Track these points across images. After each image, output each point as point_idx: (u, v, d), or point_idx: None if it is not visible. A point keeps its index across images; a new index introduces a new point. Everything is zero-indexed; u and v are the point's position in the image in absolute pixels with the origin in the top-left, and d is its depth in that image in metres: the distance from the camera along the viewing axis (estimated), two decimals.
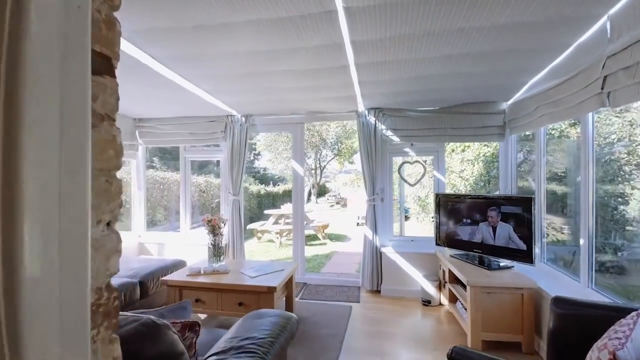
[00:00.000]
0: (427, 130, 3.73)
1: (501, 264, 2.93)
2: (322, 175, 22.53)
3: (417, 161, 3.96)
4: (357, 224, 11.06)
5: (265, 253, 6.71)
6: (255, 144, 20.17)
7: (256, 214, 11.87)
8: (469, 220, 3.21)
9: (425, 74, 2.67)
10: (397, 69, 2.57)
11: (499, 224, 2.92)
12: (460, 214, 3.30)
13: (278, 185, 17.33)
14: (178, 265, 3.42)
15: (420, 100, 3.47)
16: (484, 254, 3.03)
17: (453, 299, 3.18)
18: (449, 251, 3.42)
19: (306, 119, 4.21)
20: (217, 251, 3.13)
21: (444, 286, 3.42)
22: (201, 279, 2.75)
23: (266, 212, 8.31)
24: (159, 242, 4.45)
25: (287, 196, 17.21)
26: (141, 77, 2.82)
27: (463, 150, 7.06)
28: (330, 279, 4.25)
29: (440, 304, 3.49)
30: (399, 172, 3.95)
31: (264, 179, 18.05)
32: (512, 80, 2.89)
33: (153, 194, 7.12)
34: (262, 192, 13.74)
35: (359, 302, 3.57)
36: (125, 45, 2.28)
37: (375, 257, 3.85)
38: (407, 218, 9.15)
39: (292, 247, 4.30)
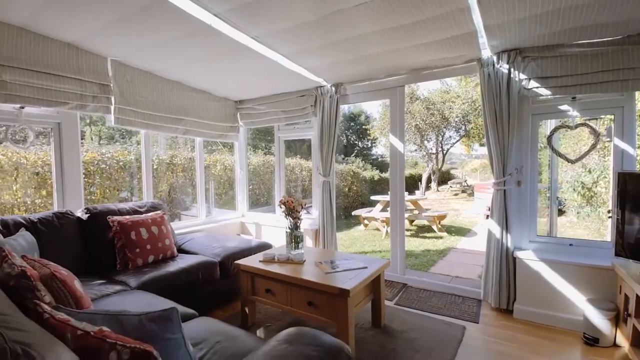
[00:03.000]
0: (603, 75, 2.35)
1: None
2: (446, 161, 20.13)
3: (582, 124, 2.58)
4: (487, 216, 9.20)
5: (369, 242, 6.13)
6: (369, 129, 19.61)
7: (369, 200, 11.38)
8: None
9: None
10: None
11: None
12: None
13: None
14: (262, 247, 3.21)
15: (587, 25, 2.16)
16: None
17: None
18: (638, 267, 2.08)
19: (407, 80, 3.34)
20: (294, 237, 2.74)
21: (626, 320, 2.12)
22: (272, 267, 2.40)
23: (373, 198, 7.66)
24: (257, 222, 4.44)
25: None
26: (236, 54, 2.80)
27: None
28: (439, 283, 3.34)
29: (615, 346, 2.21)
30: (549, 144, 2.67)
31: (381, 166, 17.38)
32: None
33: (256, 176, 7.44)
34: (377, 177, 13.12)
35: (477, 323, 2.59)
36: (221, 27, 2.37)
37: (506, 264, 2.74)
38: (560, 212, 6.91)
39: (390, 238, 3.56)
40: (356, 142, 22.70)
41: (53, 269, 1.34)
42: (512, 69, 2.65)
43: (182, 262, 2.65)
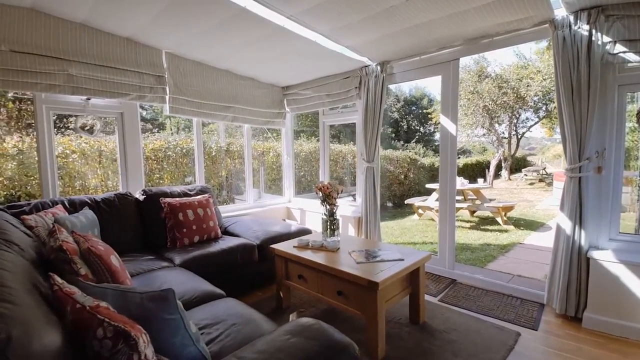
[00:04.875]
0: None
1: None
2: (521, 146, 17.97)
3: None
4: None
5: (421, 233, 5.79)
6: (431, 113, 18.36)
7: (426, 188, 10.77)
8: None
9: None
10: None
11: None
12: None
13: (459, 157, 15.09)
14: (302, 233, 3.21)
15: None
16: None
17: None
18: None
19: (461, 52, 2.96)
20: (329, 224, 2.67)
21: None
22: (304, 254, 2.37)
23: (428, 185, 7.18)
24: (302, 208, 4.47)
25: (467, 171, 14.85)
26: (274, 37, 2.82)
27: None
28: (495, 281, 2.98)
29: None
30: (638, 121, 2.14)
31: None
32: None
33: (307, 163, 7.44)
34: (437, 164, 12.32)
35: (535, 330, 2.25)
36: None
37: (577, 265, 2.32)
38: None
39: (438, 229, 3.28)
40: (418, 128, 21.52)
41: (90, 244, 1.48)
42: (593, 31, 2.15)
43: (224, 244, 2.78)
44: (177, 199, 2.93)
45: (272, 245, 2.60)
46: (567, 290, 2.35)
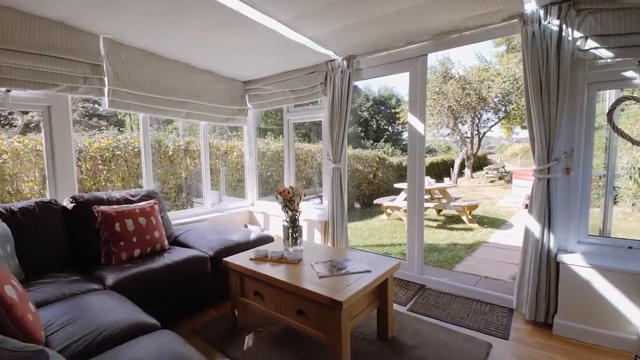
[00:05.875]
0: None
1: None
2: (482, 145, 18.73)
3: None
4: (526, 205, 8.36)
5: (389, 234, 5.70)
6: (399, 112, 18.64)
7: (395, 187, 10.83)
8: None
9: None
10: None
11: None
12: None
13: (426, 156, 15.38)
14: (262, 241, 2.93)
15: None
16: None
17: None
18: None
19: (430, 47, 2.82)
20: (292, 232, 2.42)
21: None
22: (261, 267, 2.11)
23: (396, 185, 7.15)
24: (265, 212, 4.18)
25: (433, 169, 15.21)
26: (231, 25, 2.53)
27: None
28: (463, 286, 2.89)
29: None
30: (610, 121, 2.09)
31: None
32: None
33: (261, 163, 7.07)
34: (405, 163, 12.44)
35: (506, 339, 2.15)
36: None
37: (546, 269, 2.25)
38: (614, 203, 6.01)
39: (407, 233, 3.14)
40: (386, 127, 21.81)
41: None
42: (563, 26, 2.07)
43: (170, 257, 2.43)
44: (115, 206, 2.54)
45: (226, 259, 2.29)
46: (536, 295, 2.28)
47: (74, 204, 2.47)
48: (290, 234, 2.42)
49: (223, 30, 2.62)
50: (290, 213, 2.41)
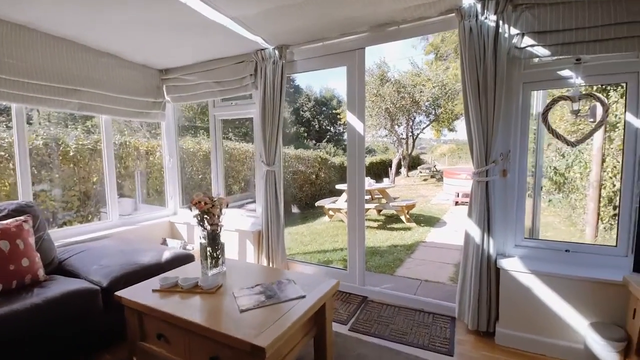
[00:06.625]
0: (615, 29, 1.74)
1: None
2: (416, 146, 19.89)
3: (588, 95, 1.98)
4: (456, 202, 8.92)
5: (332, 237, 5.49)
6: (340, 113, 18.85)
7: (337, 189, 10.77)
8: None
9: None
10: None
11: None
12: None
13: (365, 156, 15.72)
14: (179, 261, 2.42)
15: None
16: None
17: None
18: None
19: (367, 40, 2.61)
20: (211, 252, 1.98)
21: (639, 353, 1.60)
22: (167, 302, 1.64)
23: (338, 186, 7.01)
24: (189, 222, 3.60)
25: (373, 169, 15.62)
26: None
27: None
28: (405, 295, 2.74)
29: None
30: (545, 121, 2.06)
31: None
32: None
33: (191, 165, 6.31)
34: (346, 164, 12.50)
35: (451, 356, 2.00)
36: None
37: (487, 275, 2.16)
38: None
39: (347, 239, 2.89)
40: (329, 128, 21.95)
41: None
42: (500, 22, 1.98)
43: (42, 293, 1.82)
44: None
45: (119, 293, 1.77)
46: (478, 303, 2.18)
47: None
48: (209, 254, 1.99)
49: (120, 1, 2.07)
50: (210, 228, 1.98)
